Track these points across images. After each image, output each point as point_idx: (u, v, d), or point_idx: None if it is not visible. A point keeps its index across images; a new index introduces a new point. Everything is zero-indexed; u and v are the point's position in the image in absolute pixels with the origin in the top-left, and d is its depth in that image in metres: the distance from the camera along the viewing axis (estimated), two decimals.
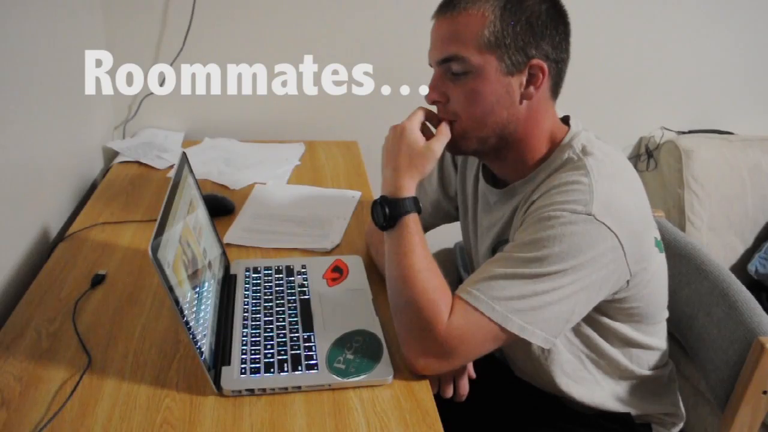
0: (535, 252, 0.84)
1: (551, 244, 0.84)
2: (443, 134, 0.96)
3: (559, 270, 0.83)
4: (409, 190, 0.95)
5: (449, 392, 0.96)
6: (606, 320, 0.98)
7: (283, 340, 0.95)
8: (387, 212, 0.93)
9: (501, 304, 0.84)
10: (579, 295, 0.86)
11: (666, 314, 1.07)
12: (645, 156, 2.00)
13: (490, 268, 0.87)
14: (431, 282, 0.88)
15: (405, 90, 1.83)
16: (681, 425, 1.12)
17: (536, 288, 0.84)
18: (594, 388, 1.04)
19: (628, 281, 0.90)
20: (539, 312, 0.84)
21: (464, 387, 0.96)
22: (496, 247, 1.03)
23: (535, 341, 0.85)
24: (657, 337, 1.05)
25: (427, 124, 1.00)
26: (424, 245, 0.92)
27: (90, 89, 1.58)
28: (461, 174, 1.16)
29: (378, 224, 0.95)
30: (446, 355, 0.86)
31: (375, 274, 1.15)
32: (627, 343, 1.02)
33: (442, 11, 0.93)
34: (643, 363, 1.05)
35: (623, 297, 0.93)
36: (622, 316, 0.98)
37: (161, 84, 1.73)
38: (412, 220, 0.93)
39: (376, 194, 1.45)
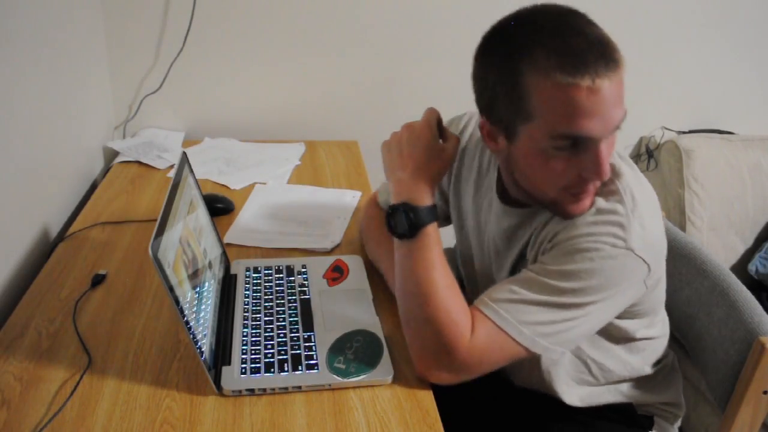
0: (571, 283, 0.82)
1: (589, 278, 0.82)
2: (455, 137, 0.94)
3: (594, 300, 0.83)
4: (430, 196, 0.90)
5: None
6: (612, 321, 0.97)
7: (284, 340, 0.95)
8: (412, 220, 0.88)
9: (529, 328, 0.83)
10: (603, 315, 0.87)
11: (664, 300, 1.06)
12: (645, 156, 2.00)
13: (517, 289, 0.84)
14: (454, 301, 0.85)
15: (405, 90, 1.83)
16: (680, 418, 1.12)
17: (566, 315, 0.83)
18: (597, 389, 1.04)
19: (642, 293, 0.91)
20: (565, 334, 0.84)
21: None
22: (517, 263, 0.99)
23: (553, 356, 0.86)
24: (658, 327, 1.05)
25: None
26: (444, 259, 0.88)
27: (90, 89, 1.58)
28: (456, 180, 1.12)
29: (397, 233, 0.89)
30: (464, 372, 0.86)
31: (375, 274, 1.14)
32: (631, 338, 1.01)
33: (607, 67, 0.76)
34: (646, 355, 1.04)
35: (633, 303, 0.93)
36: (627, 315, 0.97)
37: (161, 84, 1.73)
38: (434, 230, 0.88)
39: None
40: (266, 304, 1.04)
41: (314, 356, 0.92)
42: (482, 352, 0.84)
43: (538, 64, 0.77)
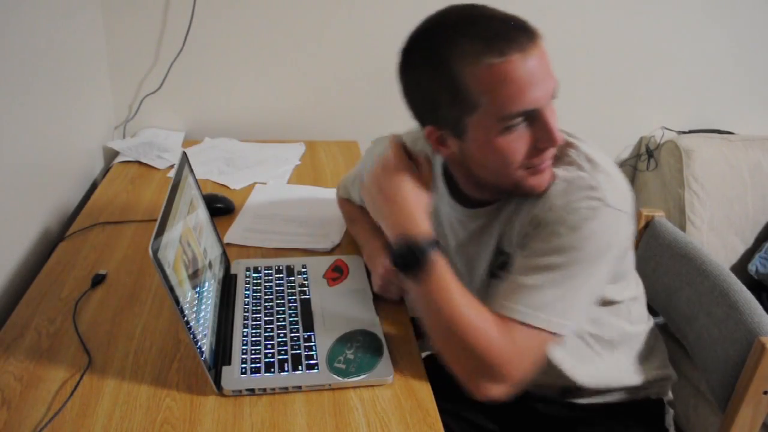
0: (567, 255, 0.83)
1: (582, 245, 0.83)
2: (424, 158, 0.95)
3: (594, 265, 0.84)
4: (426, 223, 0.88)
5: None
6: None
7: (284, 339, 0.95)
8: (416, 253, 0.85)
9: (546, 312, 0.83)
10: (603, 278, 0.88)
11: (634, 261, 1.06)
12: (645, 156, 2.00)
13: (522, 280, 0.85)
14: (480, 317, 0.84)
15: None
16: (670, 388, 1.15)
17: (573, 285, 0.84)
18: (596, 363, 1.04)
19: (624, 251, 0.93)
20: (577, 305, 0.86)
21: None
22: (494, 260, 0.99)
23: (571, 332, 0.87)
24: (632, 287, 1.06)
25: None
26: (456, 279, 0.86)
27: (90, 89, 1.58)
28: None
29: (406, 271, 0.87)
30: (513, 380, 0.84)
31: None
32: (614, 301, 1.02)
33: (530, 39, 0.80)
34: (631, 316, 1.06)
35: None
36: (609, 281, 0.97)
37: (161, 84, 1.73)
38: (438, 256, 0.86)
39: None
40: (266, 304, 1.04)
41: (314, 356, 0.92)
42: (521, 355, 0.83)
43: (466, 53, 0.79)
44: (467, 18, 0.82)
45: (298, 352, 0.93)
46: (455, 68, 0.80)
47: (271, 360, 0.91)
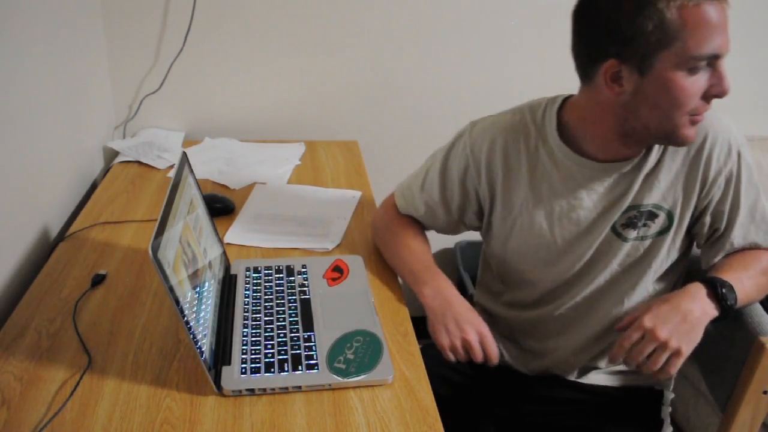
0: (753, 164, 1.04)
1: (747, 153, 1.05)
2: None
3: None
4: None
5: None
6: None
7: (284, 339, 0.95)
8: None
9: None
10: None
11: None
12: None
13: (756, 207, 1.02)
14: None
15: (405, 89, 1.83)
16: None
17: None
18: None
19: None
20: None
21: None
22: (624, 216, 1.02)
23: None
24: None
25: None
26: (740, 273, 0.99)
27: (90, 89, 1.58)
28: (504, 182, 1.08)
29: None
30: None
31: (375, 274, 1.14)
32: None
33: None
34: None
35: None
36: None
37: (161, 84, 1.73)
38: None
39: (377, 194, 1.44)
40: (266, 304, 1.04)
41: (314, 356, 0.92)
42: None
43: None
44: None
45: (298, 352, 0.93)
46: (663, 3, 0.85)
47: (271, 360, 0.91)
